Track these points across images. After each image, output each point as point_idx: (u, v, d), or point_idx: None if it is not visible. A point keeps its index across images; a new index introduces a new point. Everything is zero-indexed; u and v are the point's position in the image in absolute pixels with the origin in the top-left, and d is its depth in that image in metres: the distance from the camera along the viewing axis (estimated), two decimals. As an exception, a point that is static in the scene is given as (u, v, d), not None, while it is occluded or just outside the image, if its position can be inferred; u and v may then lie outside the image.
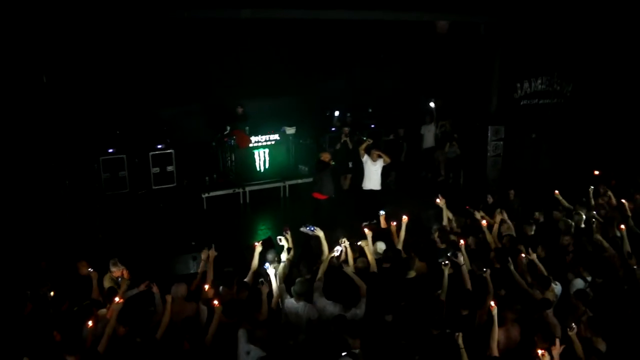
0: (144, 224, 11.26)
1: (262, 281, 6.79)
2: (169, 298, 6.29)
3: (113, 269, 7.38)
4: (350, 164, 12.94)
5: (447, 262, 7.03)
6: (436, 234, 8.51)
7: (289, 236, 7.85)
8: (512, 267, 7.26)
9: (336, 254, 7.45)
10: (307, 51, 14.98)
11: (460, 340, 5.51)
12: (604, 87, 14.77)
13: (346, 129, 13.46)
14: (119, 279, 7.19)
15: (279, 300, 6.74)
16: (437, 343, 5.83)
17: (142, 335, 5.74)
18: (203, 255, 7.33)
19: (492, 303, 5.97)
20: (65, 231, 10.25)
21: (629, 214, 9.39)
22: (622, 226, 8.38)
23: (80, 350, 5.36)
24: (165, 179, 12.93)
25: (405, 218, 8.39)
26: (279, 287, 6.80)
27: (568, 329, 5.54)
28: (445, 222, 9.16)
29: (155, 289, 6.58)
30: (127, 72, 12.94)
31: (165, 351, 5.56)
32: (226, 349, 5.86)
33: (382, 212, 8.87)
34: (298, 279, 6.88)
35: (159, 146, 12.92)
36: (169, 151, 12.94)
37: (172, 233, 10.71)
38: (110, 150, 12.41)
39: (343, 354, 5.52)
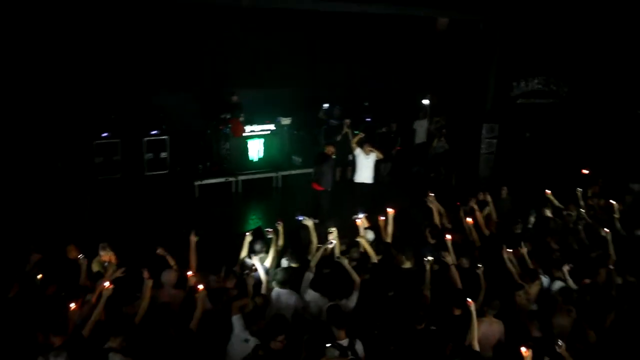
0: (136, 210, 11.27)
1: (247, 272, 6.85)
2: (149, 283, 6.26)
3: (102, 252, 7.37)
4: (350, 157, 12.84)
5: (429, 258, 7.11)
6: (427, 230, 8.55)
7: (281, 228, 7.87)
8: (505, 256, 7.37)
9: (330, 245, 7.45)
10: (306, 42, 14.98)
11: None
12: (599, 89, 14.81)
13: (347, 121, 13.16)
14: (106, 264, 7.20)
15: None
16: (419, 337, 5.89)
17: (122, 320, 5.73)
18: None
19: (469, 299, 6.02)
20: (56, 214, 10.24)
21: (617, 215, 9.50)
22: (607, 229, 8.49)
23: (64, 331, 5.39)
24: (159, 165, 12.92)
25: (391, 211, 8.44)
26: (267, 278, 6.85)
27: (556, 346, 5.57)
28: (436, 217, 9.21)
29: (146, 274, 6.59)
30: (126, 57, 12.90)
31: (148, 336, 5.59)
32: (213, 335, 5.92)
33: (360, 216, 8.70)
34: (280, 268, 6.95)
35: (154, 132, 12.90)
36: (163, 137, 12.92)
37: (163, 219, 10.73)
38: (105, 135, 12.39)
39: (327, 345, 5.56)
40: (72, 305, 5.80)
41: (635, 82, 14.16)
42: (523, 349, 5.34)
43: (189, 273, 6.67)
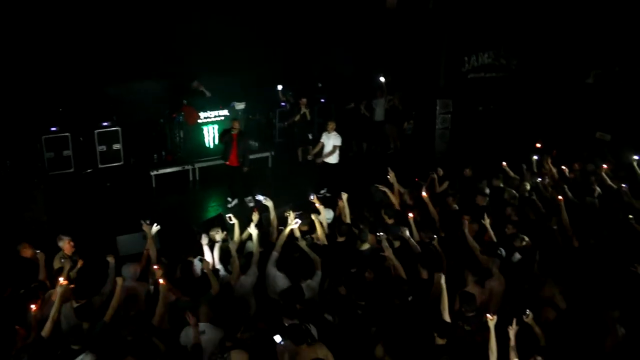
0: (91, 204, 11.01)
1: (201, 258, 6.82)
2: (119, 280, 6.14)
3: (60, 243, 7.15)
4: (310, 136, 12.74)
5: (381, 234, 7.24)
6: (382, 211, 8.60)
7: (255, 217, 7.71)
8: (466, 231, 7.54)
9: (295, 226, 7.47)
10: (256, 26, 14.78)
11: None
12: (548, 60, 15.09)
13: (304, 100, 13.22)
14: (63, 260, 6.98)
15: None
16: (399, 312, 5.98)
17: (89, 319, 5.61)
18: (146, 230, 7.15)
19: (442, 274, 6.12)
20: (8, 214, 9.91)
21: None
22: (560, 197, 8.73)
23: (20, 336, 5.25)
24: (112, 158, 12.61)
25: (344, 195, 8.55)
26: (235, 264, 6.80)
27: (524, 316, 5.69)
28: (396, 195, 9.27)
29: (110, 259, 6.53)
30: (71, 47, 12.48)
31: (112, 334, 5.49)
32: (176, 328, 5.86)
33: (311, 197, 8.62)
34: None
35: (105, 123, 12.56)
36: (115, 129, 12.59)
37: (120, 212, 10.52)
38: (54, 129, 12.00)
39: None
40: (33, 307, 5.65)
41: (583, 52, 14.47)
42: (488, 316, 5.47)
43: (155, 267, 6.51)
